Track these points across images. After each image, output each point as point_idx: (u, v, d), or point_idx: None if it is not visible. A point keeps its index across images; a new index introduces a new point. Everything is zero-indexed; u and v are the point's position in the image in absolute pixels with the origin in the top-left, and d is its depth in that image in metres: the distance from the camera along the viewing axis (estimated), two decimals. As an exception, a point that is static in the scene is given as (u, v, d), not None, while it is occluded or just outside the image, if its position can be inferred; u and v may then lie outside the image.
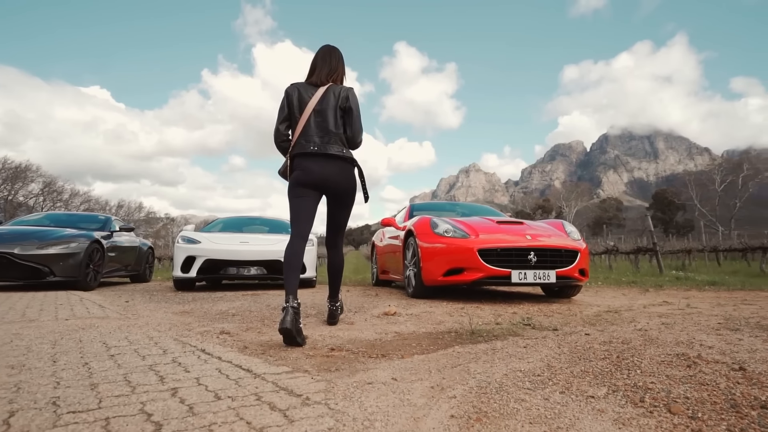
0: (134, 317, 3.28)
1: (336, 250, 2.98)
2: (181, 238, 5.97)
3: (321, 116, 2.67)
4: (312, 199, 2.69)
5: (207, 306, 4.01)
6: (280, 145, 2.77)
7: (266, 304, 4.14)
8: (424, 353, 2.13)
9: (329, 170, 2.66)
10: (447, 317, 3.32)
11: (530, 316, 3.35)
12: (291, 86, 2.75)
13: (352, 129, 2.75)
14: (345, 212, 2.89)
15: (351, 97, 2.75)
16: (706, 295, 5.07)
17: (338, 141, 2.70)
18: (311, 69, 2.82)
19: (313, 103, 2.66)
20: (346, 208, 2.87)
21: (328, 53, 2.83)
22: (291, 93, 2.71)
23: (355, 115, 2.74)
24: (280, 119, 2.72)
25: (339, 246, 2.99)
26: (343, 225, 2.95)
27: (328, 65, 2.79)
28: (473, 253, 3.99)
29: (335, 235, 2.98)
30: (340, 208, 2.86)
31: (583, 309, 3.78)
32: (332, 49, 2.86)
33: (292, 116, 2.70)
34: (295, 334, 2.22)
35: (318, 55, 2.84)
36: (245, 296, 4.87)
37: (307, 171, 2.63)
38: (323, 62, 2.80)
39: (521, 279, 3.92)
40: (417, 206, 6.21)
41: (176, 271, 5.73)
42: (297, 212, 2.66)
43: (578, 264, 4.16)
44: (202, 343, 2.29)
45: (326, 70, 2.77)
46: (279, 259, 5.74)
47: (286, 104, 2.71)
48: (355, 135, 2.76)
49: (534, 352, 1.98)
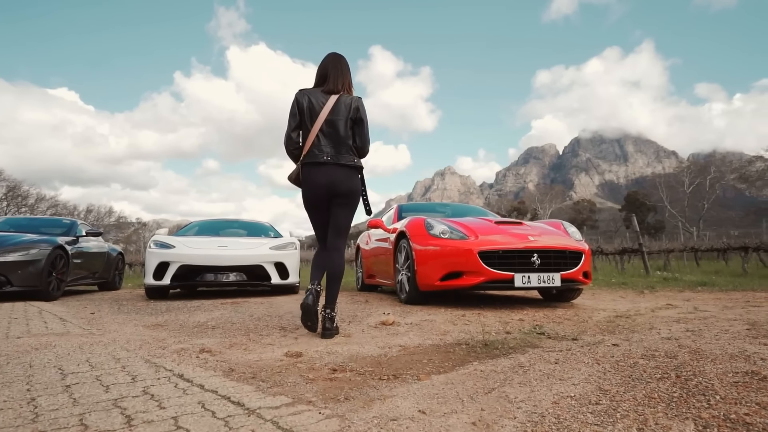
0: (100, 332, 2.88)
1: (337, 252, 2.84)
2: (154, 242, 5.53)
3: (333, 126, 2.71)
4: (325, 212, 2.85)
5: (183, 317, 3.62)
6: (291, 152, 2.81)
7: (249, 314, 3.78)
8: (441, 372, 1.84)
9: (336, 176, 2.72)
10: (450, 326, 3.04)
11: (539, 324, 3.11)
12: (300, 93, 2.77)
13: (361, 139, 2.82)
14: (346, 213, 2.84)
15: (361, 107, 2.81)
16: (705, 297, 4.94)
17: (349, 151, 2.77)
18: (322, 76, 2.83)
19: (325, 112, 2.69)
20: (347, 208, 2.83)
21: (338, 61, 2.86)
22: (301, 100, 2.73)
23: (365, 125, 2.82)
24: (292, 126, 2.74)
25: (341, 248, 2.86)
26: (345, 227, 2.87)
27: (341, 74, 2.82)
28: (473, 255, 3.72)
29: (336, 236, 2.86)
30: (341, 208, 2.82)
31: (591, 314, 3.57)
32: (341, 57, 2.89)
33: (303, 124, 2.74)
34: (312, 314, 2.61)
35: (328, 62, 2.85)
36: (225, 305, 4.49)
37: (315, 184, 2.72)
38: (335, 70, 2.81)
39: (525, 283, 3.68)
40: (405, 207, 5.92)
41: (148, 278, 5.29)
42: (316, 227, 2.90)
43: (582, 266, 3.95)
44: (179, 365, 1.94)
45: (340, 79, 2.80)
46: (260, 264, 5.36)
47: (297, 111, 2.73)
48: (364, 145, 2.84)
49: (573, 371, 1.71)
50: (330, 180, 2.71)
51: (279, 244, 5.73)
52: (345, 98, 2.77)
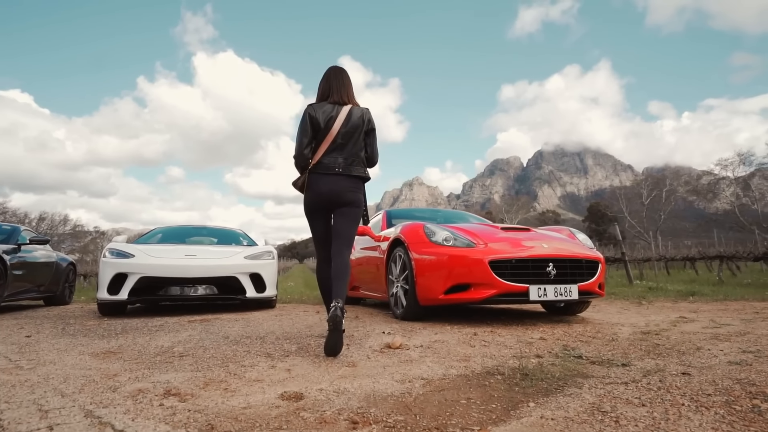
0: (30, 366, 2.26)
1: (341, 257, 2.71)
2: (109, 251, 4.83)
3: (346, 138, 2.72)
4: (326, 222, 2.85)
5: (142, 341, 3.01)
6: (302, 168, 2.77)
7: (223, 335, 3.20)
8: (499, 423, 1.37)
9: (343, 185, 2.71)
10: (467, 348, 2.58)
11: (567, 344, 2.69)
12: (311, 107, 2.76)
13: (372, 150, 2.87)
14: (349, 222, 2.78)
15: (372, 119, 2.85)
16: (710, 308, 4.69)
17: (361, 162, 2.79)
18: (326, 89, 2.83)
19: (338, 124, 2.70)
20: (350, 217, 2.79)
21: (340, 73, 2.87)
22: (314, 114, 2.71)
23: (375, 136, 2.88)
24: (304, 143, 2.70)
25: (345, 256, 2.74)
26: (349, 236, 2.79)
27: (344, 85, 2.83)
28: (483, 265, 3.29)
29: (341, 245, 2.75)
30: (345, 217, 2.78)
31: (613, 330, 3.19)
32: (342, 70, 2.90)
33: (316, 137, 2.72)
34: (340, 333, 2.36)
35: (331, 75, 2.86)
36: (193, 323, 3.88)
37: (321, 190, 2.71)
38: (337, 82, 2.83)
39: (540, 296, 3.27)
40: (394, 213, 5.46)
41: (101, 292, 4.59)
42: (318, 238, 2.88)
43: (599, 277, 3.59)
44: (135, 420, 1.39)
45: (344, 90, 2.82)
46: (234, 275, 4.76)
47: (310, 126, 2.70)
48: (374, 155, 2.88)
49: (682, 421, 1.28)
50: (336, 189, 2.70)
51: (254, 252, 5.13)
52: (356, 110, 2.78)
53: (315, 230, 2.86)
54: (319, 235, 2.87)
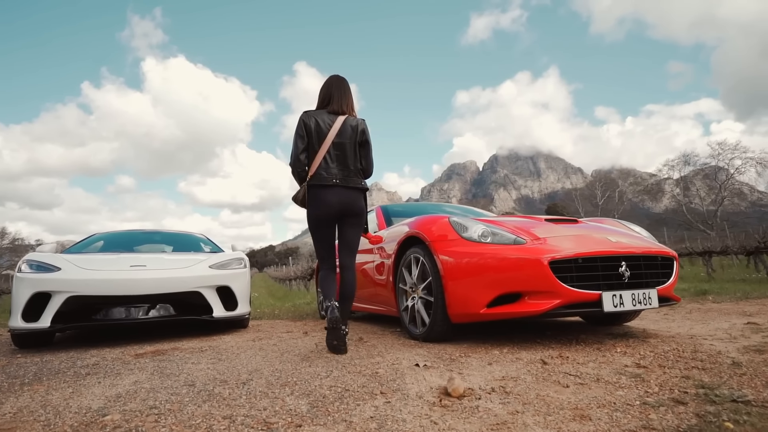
0: None
1: (349, 271, 2.85)
2: (27, 263, 3.67)
3: (340, 149, 2.75)
4: (333, 230, 2.87)
5: (59, 396, 1.99)
6: (298, 174, 2.80)
7: (185, 381, 2.20)
8: None
9: (346, 198, 2.74)
10: (562, 391, 1.75)
11: (685, 375, 1.92)
12: (306, 114, 2.78)
13: (367, 161, 2.89)
14: (356, 232, 2.87)
15: (366, 130, 2.88)
16: (747, 309, 4.11)
17: (357, 173, 2.82)
18: (326, 98, 2.85)
19: (332, 135, 2.73)
20: (357, 227, 2.87)
21: (341, 83, 2.89)
22: (308, 121, 2.75)
23: (370, 148, 2.90)
24: (300, 149, 2.74)
25: (352, 268, 2.87)
26: (356, 246, 2.89)
27: (344, 95, 2.85)
28: (541, 267, 2.47)
29: (348, 255, 2.88)
30: (352, 227, 2.85)
31: (705, 348, 2.45)
32: (343, 79, 2.92)
33: (311, 146, 2.75)
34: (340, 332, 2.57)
35: (332, 84, 2.88)
36: (141, 359, 2.85)
37: (326, 203, 2.72)
38: (338, 91, 2.85)
39: (616, 306, 2.49)
40: (392, 209, 4.57)
41: (14, 318, 3.44)
42: (324, 247, 2.85)
43: (675, 277, 2.86)
44: None
45: (344, 100, 2.84)
46: (196, 290, 3.72)
47: (305, 133, 2.74)
48: (369, 166, 2.91)
49: None
50: (341, 200, 2.73)
51: (222, 261, 4.08)
52: (351, 120, 2.80)
53: (323, 241, 2.84)
54: (328, 246, 2.86)
